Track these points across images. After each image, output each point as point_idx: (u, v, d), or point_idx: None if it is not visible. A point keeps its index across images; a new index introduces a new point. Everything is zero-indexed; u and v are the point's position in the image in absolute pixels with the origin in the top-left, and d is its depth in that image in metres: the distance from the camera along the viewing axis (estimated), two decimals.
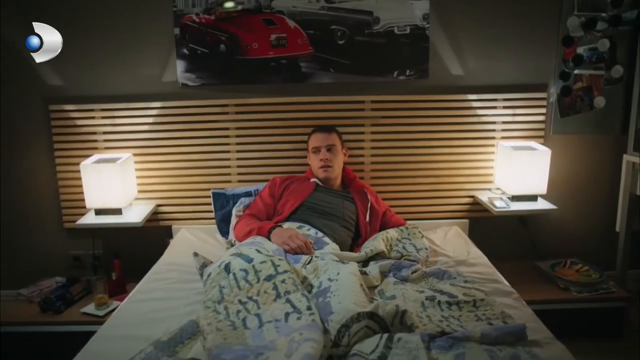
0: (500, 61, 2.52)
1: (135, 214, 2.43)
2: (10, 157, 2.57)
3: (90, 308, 2.23)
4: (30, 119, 2.52)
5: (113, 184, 2.32)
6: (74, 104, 2.49)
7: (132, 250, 2.53)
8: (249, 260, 1.64)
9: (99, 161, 2.39)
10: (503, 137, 2.57)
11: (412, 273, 1.89)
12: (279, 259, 1.64)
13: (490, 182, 2.60)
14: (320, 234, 2.11)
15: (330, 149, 2.28)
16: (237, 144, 2.56)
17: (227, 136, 2.55)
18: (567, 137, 2.59)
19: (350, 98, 2.52)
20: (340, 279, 1.68)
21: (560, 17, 2.46)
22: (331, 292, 1.59)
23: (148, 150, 2.54)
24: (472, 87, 2.54)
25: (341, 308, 1.48)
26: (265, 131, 2.55)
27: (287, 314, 1.44)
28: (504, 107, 2.54)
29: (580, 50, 2.46)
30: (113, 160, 2.37)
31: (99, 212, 2.40)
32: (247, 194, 2.43)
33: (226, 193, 2.45)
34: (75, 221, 2.43)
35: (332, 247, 2.04)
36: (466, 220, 2.61)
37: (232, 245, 2.10)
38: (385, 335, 1.39)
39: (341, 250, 2.11)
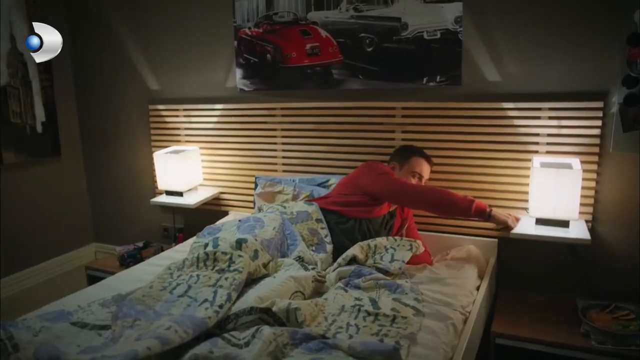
0: (545, 66, 2.22)
1: (193, 198, 2.91)
2: (124, 144, 3.34)
3: None
4: (137, 115, 3.24)
5: (175, 171, 2.84)
6: (164, 104, 3.10)
7: (198, 228, 3.01)
8: (216, 246, 1.90)
9: (171, 152, 2.94)
10: (548, 152, 2.25)
11: (364, 282, 1.90)
12: (239, 256, 1.82)
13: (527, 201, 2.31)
14: (327, 239, 2.18)
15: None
16: (283, 143, 2.82)
17: (275, 136, 2.83)
18: (633, 156, 2.13)
19: (381, 104, 2.54)
20: (276, 277, 1.83)
21: (625, 11, 2.04)
22: (254, 287, 1.76)
23: (212, 145, 3.00)
24: (512, 94, 2.29)
25: (242, 301, 1.65)
26: (305, 133, 2.75)
27: (205, 300, 1.62)
28: (550, 118, 2.23)
29: None
30: (179, 152, 2.89)
31: (169, 193, 2.96)
32: (279, 183, 2.68)
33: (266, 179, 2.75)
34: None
35: (326, 257, 2.10)
36: (495, 240, 2.38)
37: (260, 210, 2.43)
38: (259, 327, 1.52)
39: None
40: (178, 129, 3.09)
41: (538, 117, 2.24)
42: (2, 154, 2.98)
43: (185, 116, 3.05)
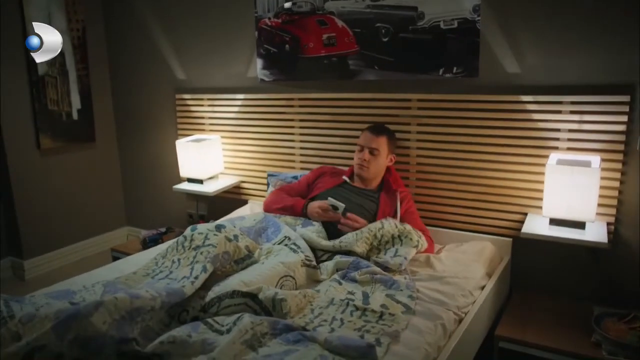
0: (568, 56, 2.09)
1: (213, 186, 2.97)
2: (154, 132, 3.45)
3: None
4: (165, 104, 3.33)
5: (195, 159, 2.91)
6: (190, 94, 3.17)
7: (220, 215, 3.08)
8: (193, 229, 1.95)
9: (192, 140, 3.01)
10: (569, 149, 2.12)
11: (360, 275, 1.87)
12: (214, 234, 1.89)
13: None
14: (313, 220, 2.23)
15: (372, 152, 2.28)
16: (300, 134, 2.82)
17: (292, 126, 2.83)
18: None
19: (396, 96, 2.48)
20: (265, 263, 1.85)
21: None
22: (239, 273, 1.79)
23: (234, 134, 3.04)
24: (531, 87, 2.17)
25: (226, 283, 1.69)
26: (321, 124, 2.73)
27: (183, 278, 1.72)
28: (571, 112, 2.09)
29: None
30: (200, 141, 2.95)
31: (190, 180, 3.04)
32: (294, 179, 2.68)
33: (278, 176, 2.76)
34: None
35: (315, 229, 2.14)
36: (509, 239, 2.27)
37: None
38: (241, 315, 1.54)
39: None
40: (202, 117, 3.16)
41: (559, 112, 2.12)
42: (40, 139, 3.17)
43: (209, 105, 3.11)
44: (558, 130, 2.13)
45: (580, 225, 1.98)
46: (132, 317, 1.44)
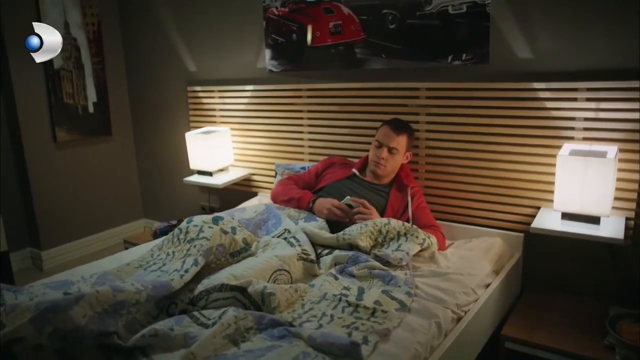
0: (583, 40, 1.95)
1: (222, 178, 2.96)
2: (168, 125, 3.46)
3: None
4: (178, 97, 3.34)
5: (204, 151, 2.90)
6: (201, 86, 3.16)
7: (230, 207, 3.06)
8: (189, 222, 1.93)
9: (201, 132, 3.00)
10: (585, 139, 1.99)
11: (357, 270, 1.81)
12: (209, 227, 1.86)
13: None
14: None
15: (391, 150, 2.20)
16: (309, 125, 2.76)
17: (301, 117, 2.78)
18: None
19: (404, 85, 2.39)
20: (259, 256, 1.82)
21: None
22: (232, 266, 1.76)
23: (243, 126, 3.01)
24: (545, 73, 2.05)
25: (216, 276, 1.66)
26: (329, 114, 2.67)
27: (175, 270, 1.69)
28: (587, 100, 1.96)
29: None
30: (209, 133, 2.94)
31: (200, 172, 3.03)
32: (303, 169, 2.63)
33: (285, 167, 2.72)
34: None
35: (318, 224, 2.08)
36: (520, 235, 2.16)
37: None
38: (227, 308, 1.51)
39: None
40: (214, 109, 3.14)
41: (574, 99, 1.99)
42: (56, 133, 3.22)
43: (219, 97, 3.09)
44: (573, 119, 2.01)
45: (595, 220, 1.85)
46: (115, 310, 1.43)
